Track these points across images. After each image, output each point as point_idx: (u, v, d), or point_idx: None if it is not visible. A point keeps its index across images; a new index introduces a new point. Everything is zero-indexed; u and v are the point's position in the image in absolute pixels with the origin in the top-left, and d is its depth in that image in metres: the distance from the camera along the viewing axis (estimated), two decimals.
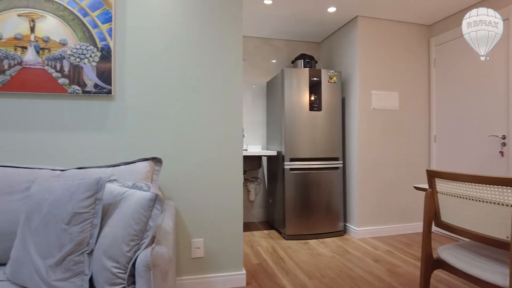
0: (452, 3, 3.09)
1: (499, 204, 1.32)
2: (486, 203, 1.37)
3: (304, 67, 3.64)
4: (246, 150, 3.88)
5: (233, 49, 2.18)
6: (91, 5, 1.92)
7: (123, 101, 2.01)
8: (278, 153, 3.55)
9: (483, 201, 1.38)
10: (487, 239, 1.38)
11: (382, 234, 3.47)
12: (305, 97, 3.38)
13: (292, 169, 3.35)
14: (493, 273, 1.34)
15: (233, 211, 2.19)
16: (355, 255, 2.86)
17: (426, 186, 1.84)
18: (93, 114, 1.96)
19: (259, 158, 3.72)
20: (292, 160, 3.35)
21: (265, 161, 4.14)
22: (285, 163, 3.35)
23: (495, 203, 1.33)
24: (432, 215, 1.67)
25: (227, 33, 2.17)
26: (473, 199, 1.43)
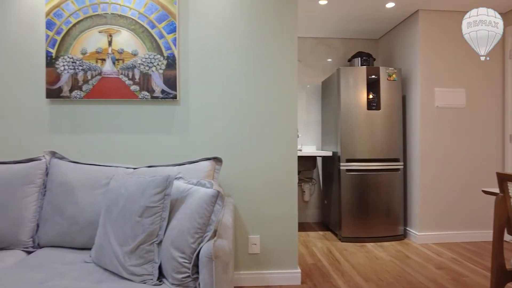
0: None
1: None
2: None
3: (361, 65, 3.56)
4: (300, 150, 3.90)
5: (288, 51, 2.23)
6: (158, 18, 2.11)
7: (186, 105, 2.17)
8: (333, 153, 3.52)
9: None
10: None
11: (446, 240, 3.25)
12: (363, 96, 3.30)
13: (348, 170, 3.29)
14: None
15: (288, 211, 2.24)
16: (416, 260, 2.73)
17: (497, 190, 1.71)
18: (160, 117, 2.15)
19: (313, 158, 3.71)
20: (348, 161, 3.29)
21: (320, 162, 4.12)
22: (341, 164, 3.30)
23: None
24: (503, 222, 1.56)
25: (282, 35, 2.22)
26: None
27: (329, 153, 3.53)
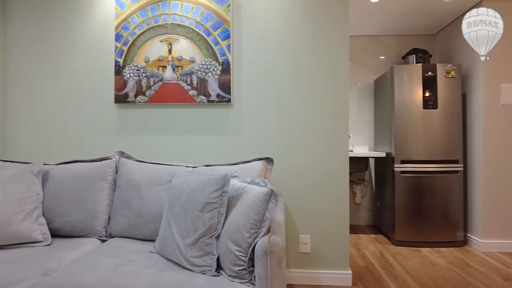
0: None
1: None
2: None
3: (416, 63, 3.42)
4: (351, 151, 3.84)
5: (339, 50, 2.23)
6: (213, 26, 2.23)
7: (240, 108, 2.27)
8: (387, 154, 3.42)
9: None
10: None
11: None
12: (418, 95, 3.17)
13: (403, 172, 3.18)
14: None
15: (339, 212, 2.24)
16: (478, 269, 2.56)
17: None
18: (216, 120, 2.28)
19: (365, 159, 3.64)
20: (403, 162, 3.18)
21: (372, 163, 4.01)
22: (395, 165, 3.20)
23: None
24: None
25: (333, 34, 2.23)
26: None
27: (382, 154, 3.43)
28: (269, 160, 1.92)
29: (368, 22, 3.59)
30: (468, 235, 3.23)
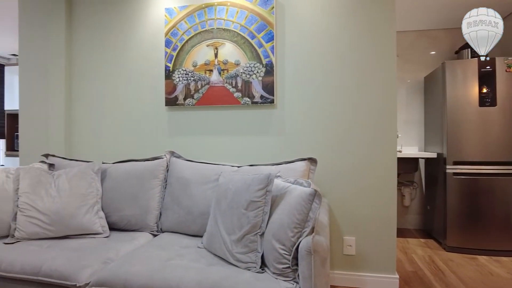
0: None
1: None
2: None
3: (471, 57, 3.20)
4: (400, 151, 3.69)
5: (386, 47, 2.17)
6: (257, 28, 2.28)
7: (282, 108, 2.30)
8: (438, 155, 3.24)
9: None
10: None
11: None
12: (474, 91, 2.97)
13: (456, 174, 3.00)
14: None
15: (386, 215, 2.18)
16: None
17: None
18: (259, 120, 2.32)
19: (415, 160, 3.48)
20: (456, 163, 3.00)
21: (422, 164, 3.82)
22: (448, 167, 3.03)
23: None
24: None
25: (379, 31, 2.18)
26: None
27: (433, 155, 3.26)
28: (313, 160, 1.92)
29: (415, 16, 3.43)
30: None
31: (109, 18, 2.62)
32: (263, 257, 1.46)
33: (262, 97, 2.27)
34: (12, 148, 4.70)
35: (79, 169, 2.05)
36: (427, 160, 3.63)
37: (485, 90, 2.95)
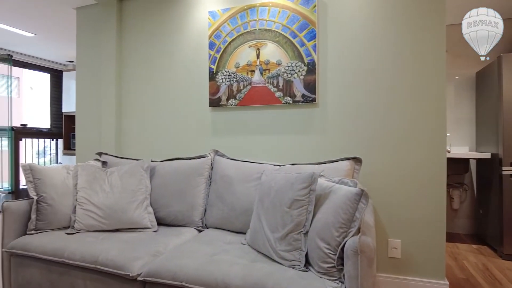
0: None
1: None
2: None
3: None
4: (449, 151, 3.50)
5: (434, 42, 2.08)
6: (299, 27, 2.28)
7: (324, 107, 2.27)
8: (492, 155, 3.03)
9: None
10: None
11: None
12: None
13: None
14: None
15: (435, 218, 2.08)
16: None
17: None
18: (301, 119, 2.32)
19: (465, 161, 3.28)
20: None
21: (473, 165, 3.59)
22: (504, 168, 2.82)
23: None
24: None
25: (427, 26, 2.08)
26: None
27: (487, 155, 3.05)
28: (357, 160, 1.89)
29: (469, 7, 3.23)
30: None
31: (156, 23, 2.75)
32: (307, 255, 1.46)
33: (303, 96, 2.27)
34: (68, 147, 5.09)
35: (130, 167, 2.18)
36: (479, 160, 3.41)
37: None
